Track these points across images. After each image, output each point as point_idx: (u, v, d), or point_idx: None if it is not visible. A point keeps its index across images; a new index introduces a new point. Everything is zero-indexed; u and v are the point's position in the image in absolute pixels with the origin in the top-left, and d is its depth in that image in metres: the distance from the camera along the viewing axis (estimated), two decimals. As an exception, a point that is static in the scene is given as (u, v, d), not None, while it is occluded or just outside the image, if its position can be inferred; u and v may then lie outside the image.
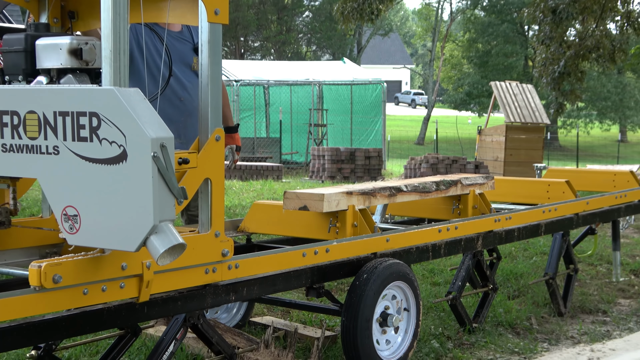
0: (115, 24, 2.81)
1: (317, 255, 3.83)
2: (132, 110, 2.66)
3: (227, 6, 3.16)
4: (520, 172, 17.04)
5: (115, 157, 2.69)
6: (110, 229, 2.73)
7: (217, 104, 3.22)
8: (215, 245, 3.27)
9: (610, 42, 16.87)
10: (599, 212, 6.08)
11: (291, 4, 47.71)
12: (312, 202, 4.12)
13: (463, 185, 5.03)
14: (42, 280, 2.71)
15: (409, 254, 4.39)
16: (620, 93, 41.17)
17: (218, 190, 3.22)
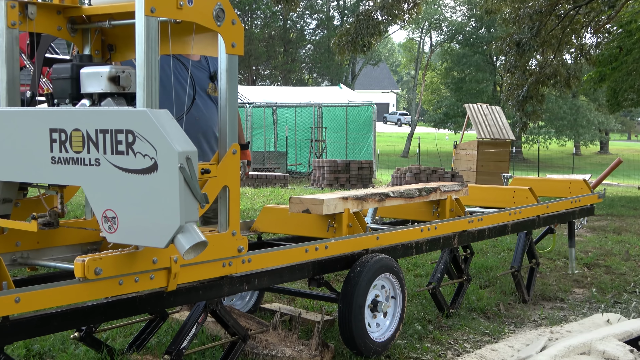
0: (147, 55, 2.81)
1: (317, 251, 3.82)
2: (162, 128, 2.66)
3: (242, 40, 3.17)
4: (490, 180, 17.02)
5: (148, 168, 2.69)
6: (143, 229, 2.73)
7: (234, 124, 3.22)
8: (232, 242, 3.26)
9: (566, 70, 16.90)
10: (557, 214, 6.08)
11: (296, 38, 47.77)
12: (314, 206, 4.12)
13: (441, 192, 5.03)
14: (85, 272, 2.71)
15: (396, 250, 4.39)
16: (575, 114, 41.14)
17: (234, 196, 3.22)
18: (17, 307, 2.61)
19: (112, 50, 3.50)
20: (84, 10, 3.34)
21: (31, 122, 2.94)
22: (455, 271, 5.22)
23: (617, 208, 12.60)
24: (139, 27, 2.81)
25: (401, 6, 15.87)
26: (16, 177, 3.04)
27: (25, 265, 3.36)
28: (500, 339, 4.59)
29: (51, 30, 3.34)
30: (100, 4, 3.25)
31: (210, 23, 3.04)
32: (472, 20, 45.66)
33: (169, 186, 2.66)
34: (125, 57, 3.51)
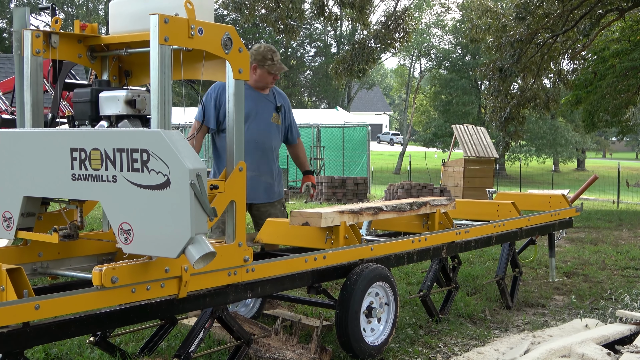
0: (161, 80, 2.83)
1: (316, 261, 3.82)
2: (174, 148, 2.68)
3: (248, 67, 3.19)
4: (475, 195, 17.02)
5: (161, 184, 2.70)
6: (156, 240, 2.74)
7: (240, 143, 3.23)
8: (238, 253, 3.27)
9: (545, 94, 16.95)
10: (538, 226, 6.08)
11: (296, 64, 47.94)
12: (313, 219, 4.13)
13: (431, 206, 5.04)
14: (102, 280, 2.71)
15: (389, 260, 4.38)
16: (554, 134, 41.22)
17: (241, 210, 3.23)
18: (37, 314, 2.61)
19: (129, 76, 3.52)
20: (103, 39, 3.36)
21: (54, 142, 2.96)
22: (444, 279, 5.22)
23: (594, 221, 12.61)
24: (154, 54, 2.83)
25: (393, 35, 15.96)
26: (39, 192, 3.05)
27: (45, 275, 3.36)
28: (486, 343, 4.58)
29: (72, 57, 3.36)
30: (117, 34, 3.27)
31: (218, 51, 3.06)
32: (459, 48, 45.87)
33: (181, 201, 2.67)
34: (140, 82, 3.53)
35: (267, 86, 4.93)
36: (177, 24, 2.87)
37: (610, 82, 15.94)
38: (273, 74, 4.86)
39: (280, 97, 5.07)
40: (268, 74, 4.85)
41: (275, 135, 5.00)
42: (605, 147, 60.80)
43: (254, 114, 4.90)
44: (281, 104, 5.02)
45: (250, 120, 4.86)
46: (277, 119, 4.99)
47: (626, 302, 5.78)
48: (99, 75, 3.50)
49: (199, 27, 2.95)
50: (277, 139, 5.03)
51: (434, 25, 47.37)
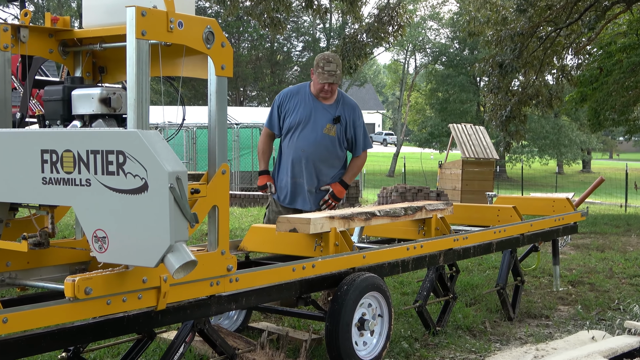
0: (138, 77, 2.84)
1: (304, 270, 3.83)
2: (152, 149, 2.68)
3: (231, 62, 3.20)
4: (474, 199, 17.07)
5: (138, 188, 2.70)
6: (133, 248, 2.74)
7: (223, 144, 3.23)
8: (221, 261, 3.27)
9: (548, 91, 17.04)
10: (541, 232, 6.11)
11: (282, 60, 47.96)
12: (301, 225, 4.13)
13: (427, 211, 5.05)
14: (75, 291, 2.71)
15: (382, 269, 4.40)
16: (557, 133, 41.43)
17: (224, 216, 3.23)
18: (5, 328, 2.60)
19: (103, 73, 3.52)
20: (76, 34, 3.36)
21: (23, 143, 2.95)
22: (442, 289, 5.23)
23: (600, 226, 12.68)
24: (130, 49, 2.83)
25: (386, 29, 16.00)
26: (7, 197, 3.04)
27: (13, 286, 3.35)
28: (486, 357, 4.60)
29: (43, 52, 3.36)
30: (91, 27, 3.27)
31: (200, 46, 3.07)
32: (456, 42, 46.04)
33: (159, 206, 2.67)
34: (116, 79, 3.53)
35: (326, 95, 5.27)
36: (155, 16, 2.87)
37: (617, 78, 16.05)
38: (320, 83, 5.19)
39: (345, 108, 5.34)
40: (317, 82, 5.22)
41: (327, 146, 5.30)
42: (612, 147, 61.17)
43: (306, 122, 5.26)
44: (341, 115, 5.30)
45: (300, 128, 5.27)
46: (331, 130, 5.28)
47: (635, 313, 5.81)
48: (72, 71, 3.49)
49: (178, 20, 2.95)
50: (330, 150, 5.32)
51: (429, 18, 47.52)
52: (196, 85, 42.65)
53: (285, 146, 5.42)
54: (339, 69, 5.20)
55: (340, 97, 5.37)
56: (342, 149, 5.39)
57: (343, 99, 5.38)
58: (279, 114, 5.39)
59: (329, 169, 5.38)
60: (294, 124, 5.31)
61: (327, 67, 5.15)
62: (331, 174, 5.40)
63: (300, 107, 5.31)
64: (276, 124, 5.40)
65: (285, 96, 5.39)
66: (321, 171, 5.35)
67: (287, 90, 5.43)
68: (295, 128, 5.31)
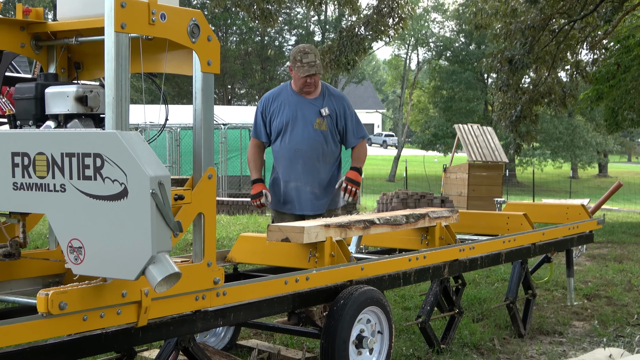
0: (117, 74, 2.84)
1: (298, 282, 3.83)
2: (132, 151, 2.68)
3: (218, 58, 3.21)
4: (482, 206, 17.09)
5: (117, 194, 2.70)
6: (112, 260, 2.74)
7: (209, 145, 3.24)
8: (207, 273, 3.27)
9: (561, 88, 17.10)
10: (554, 242, 6.12)
11: (274, 55, 47.98)
12: (294, 234, 4.13)
13: (430, 218, 5.06)
14: (49, 306, 2.70)
15: (382, 281, 4.40)
16: (571, 134, 41.52)
17: (210, 224, 3.24)
18: (-27, 346, 2.60)
19: (80, 69, 3.53)
20: (49, 26, 3.36)
21: (-9, 145, 2.95)
22: (446, 303, 5.24)
23: (618, 235, 12.71)
24: (109, 44, 2.83)
25: (386, 21, 16.02)
26: (-26, 204, 3.04)
27: (-19, 300, 3.35)
28: (494, 376, 4.60)
29: (14, 47, 3.36)
30: (66, 20, 3.27)
31: (184, 40, 3.07)
32: (462, 36, 46.14)
33: (140, 213, 2.67)
34: (93, 75, 3.53)
35: (310, 89, 5.29)
36: (136, 8, 2.88)
37: (635, 75, 16.09)
38: (302, 77, 5.20)
39: (331, 99, 5.38)
40: (298, 77, 5.23)
41: (321, 142, 5.33)
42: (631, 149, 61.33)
43: (294, 121, 5.29)
44: (327, 106, 5.33)
45: (290, 128, 5.31)
46: (322, 124, 5.32)
47: (655, 328, 5.83)
48: (45, 68, 3.49)
49: (161, 12, 2.96)
50: (325, 145, 5.35)
51: (433, 10, 47.64)
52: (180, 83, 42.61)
53: (277, 151, 5.42)
54: (317, 59, 5.23)
55: (325, 89, 5.40)
56: (335, 143, 5.42)
57: (328, 90, 5.41)
58: (263, 120, 5.43)
59: (326, 166, 5.40)
60: (282, 126, 5.33)
61: (306, 59, 5.17)
62: (329, 171, 5.42)
63: (285, 107, 5.34)
64: (262, 132, 5.43)
65: (267, 100, 5.44)
66: (319, 169, 5.36)
67: (268, 94, 5.49)
68: (284, 130, 5.33)
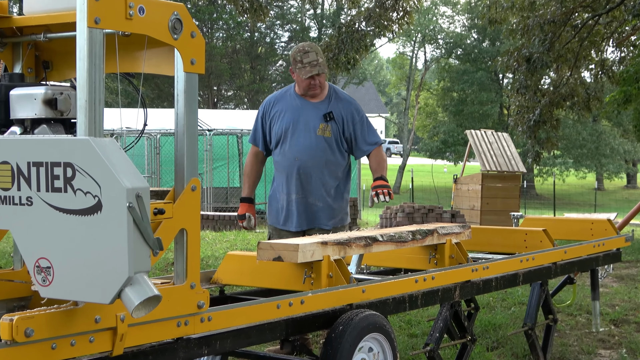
0: (90, 74, 2.84)
1: (291, 306, 3.82)
2: (107, 160, 2.68)
3: (203, 56, 3.21)
4: (497, 221, 17.10)
5: (90, 208, 2.70)
6: (84, 281, 2.73)
7: (193, 153, 3.24)
8: (191, 297, 3.26)
9: (584, 90, 17.15)
10: (577, 261, 6.12)
11: (265, 53, 48.06)
12: (287, 252, 4.13)
13: (439, 235, 5.06)
14: (14, 334, 2.69)
15: (386, 305, 4.39)
16: (596, 141, 41.61)
17: (194, 241, 3.23)
18: None
19: (49, 68, 3.52)
20: (15, 21, 3.36)
21: (-51, 153, 2.95)
22: (457, 330, 5.24)
23: (648, 253, 12.72)
24: (81, 41, 2.83)
25: (390, 16, 16.06)
26: None
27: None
28: (511, 411, 4.59)
29: (-26, 44, 3.36)
30: (34, 14, 3.27)
31: (165, 36, 3.08)
32: (474, 32, 46.31)
33: (116, 229, 2.67)
34: (63, 75, 3.53)
35: (315, 91, 5.31)
36: (111, 1, 2.88)
37: (667, 75, 16.14)
38: (304, 79, 5.22)
39: (338, 103, 5.40)
40: (300, 79, 5.26)
41: (324, 150, 5.36)
42: (663, 158, 61.45)
43: (295, 127, 5.33)
44: (334, 110, 5.35)
45: (289, 134, 5.34)
46: (326, 131, 5.34)
47: (690, 357, 5.82)
48: (10, 67, 3.49)
49: (139, 6, 2.97)
50: (328, 154, 5.38)
51: (442, 3, 47.82)
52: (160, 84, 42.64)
53: (277, 160, 5.44)
54: (320, 57, 5.25)
55: (332, 92, 5.42)
56: (342, 152, 5.43)
57: (335, 93, 5.43)
58: (263, 126, 5.44)
59: (331, 178, 5.41)
60: (282, 132, 5.35)
61: (306, 59, 5.20)
62: (333, 183, 5.43)
63: (286, 112, 5.36)
64: (261, 139, 5.45)
65: (269, 104, 5.46)
66: (322, 180, 5.38)
67: (270, 98, 5.51)
68: (284, 136, 5.35)
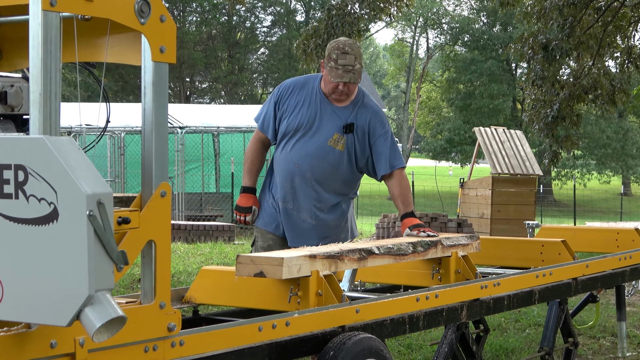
0: (45, 64, 2.83)
1: (275, 329, 3.82)
2: (64, 162, 2.67)
3: (174, 43, 3.21)
4: (509, 230, 17.14)
5: (45, 217, 2.69)
6: (38, 301, 2.72)
7: (163, 154, 3.24)
8: (160, 318, 3.26)
9: (609, 81, 17.16)
10: (601, 276, 6.13)
11: (244, 40, 48.03)
12: (270, 267, 4.12)
13: (444, 247, 5.07)
14: (-45, 361, 2.69)
15: (383, 327, 4.40)
16: (622, 139, 41.75)
17: (163, 254, 3.23)
18: None
19: (-3, 57, 3.53)
20: (-42, 3, 3.36)
21: None
22: (464, 355, 5.25)
23: (681, 267, 12.75)
24: (34, 25, 2.83)
25: (387, -4, 16.08)
26: None
27: None
28: None
29: None
30: (-21, -5, 3.27)
31: (130, 20, 3.07)
32: (483, 15, 46.45)
33: (74, 241, 2.66)
34: (14, 65, 3.53)
35: (341, 97, 5.25)
36: (69, -20, 2.88)
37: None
38: (332, 81, 5.15)
39: (362, 112, 5.34)
40: (328, 79, 5.18)
41: (331, 164, 5.33)
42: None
43: (307, 128, 5.29)
44: (354, 122, 5.29)
45: (298, 135, 5.30)
46: (338, 143, 5.30)
47: None
48: (-48, 55, 3.49)
49: (101, -14, 2.97)
50: (336, 169, 5.35)
51: (446, -18, 47.93)
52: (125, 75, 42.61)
53: (278, 158, 5.40)
54: (358, 62, 5.13)
55: (360, 98, 5.35)
56: (352, 169, 5.39)
57: (363, 99, 5.35)
58: (275, 113, 5.36)
59: (330, 195, 5.39)
60: (292, 129, 5.31)
61: (342, 60, 5.07)
62: (333, 202, 5.42)
63: (304, 106, 5.30)
64: (271, 126, 5.37)
65: (287, 89, 5.37)
66: (319, 197, 5.35)
67: (291, 82, 5.41)
68: (291, 134, 5.32)
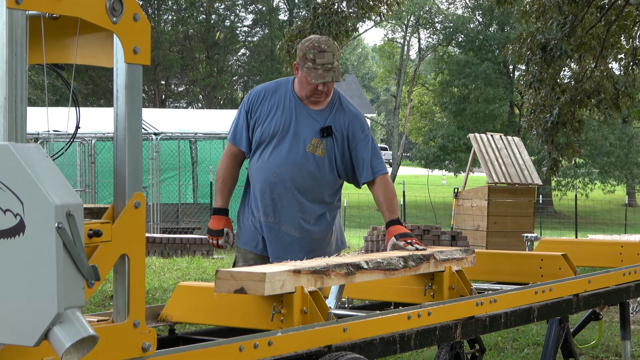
0: (10, 66, 2.83)
1: (257, 349, 3.82)
2: (31, 171, 2.67)
3: (148, 43, 3.21)
4: (506, 244, 17.18)
5: (10, 229, 2.69)
6: (2, 319, 2.72)
7: (136, 162, 3.24)
8: (133, 337, 3.26)
9: (613, 84, 17.22)
10: (604, 292, 6.15)
11: (223, 40, 48.05)
12: (251, 283, 4.12)
13: (437, 261, 5.08)
14: None
15: (372, 347, 4.40)
16: (626, 146, 41.90)
17: (137, 270, 3.22)
18: None
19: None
20: None
21: None
22: (459, 376, 5.26)
23: (690, 283, 12.81)
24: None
25: (376, -6, 16.12)
26: None
27: None
28: None
29: None
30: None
31: (101, 19, 3.07)
32: (478, 14, 46.60)
33: (42, 255, 2.66)
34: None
35: (319, 98, 5.24)
36: (36, -24, 2.89)
37: None
38: (311, 83, 5.12)
39: (340, 115, 5.35)
40: (306, 81, 5.14)
41: (311, 171, 5.32)
42: None
43: (283, 135, 5.28)
44: (332, 125, 5.29)
45: (274, 143, 5.29)
46: (317, 148, 5.30)
47: None
48: None
49: (70, -18, 2.97)
50: (316, 175, 5.34)
51: (439, -21, 48.10)
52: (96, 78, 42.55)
53: (254, 169, 5.38)
54: (335, 59, 5.12)
55: (336, 100, 5.35)
56: (334, 175, 5.39)
57: (339, 101, 5.36)
58: (247, 122, 5.36)
59: (314, 205, 5.38)
60: (267, 136, 5.30)
61: (320, 59, 5.07)
62: (318, 212, 5.41)
63: (278, 111, 5.30)
64: (244, 137, 5.37)
65: (258, 96, 5.36)
66: (302, 207, 5.35)
67: (261, 88, 5.41)
68: (267, 142, 5.31)
